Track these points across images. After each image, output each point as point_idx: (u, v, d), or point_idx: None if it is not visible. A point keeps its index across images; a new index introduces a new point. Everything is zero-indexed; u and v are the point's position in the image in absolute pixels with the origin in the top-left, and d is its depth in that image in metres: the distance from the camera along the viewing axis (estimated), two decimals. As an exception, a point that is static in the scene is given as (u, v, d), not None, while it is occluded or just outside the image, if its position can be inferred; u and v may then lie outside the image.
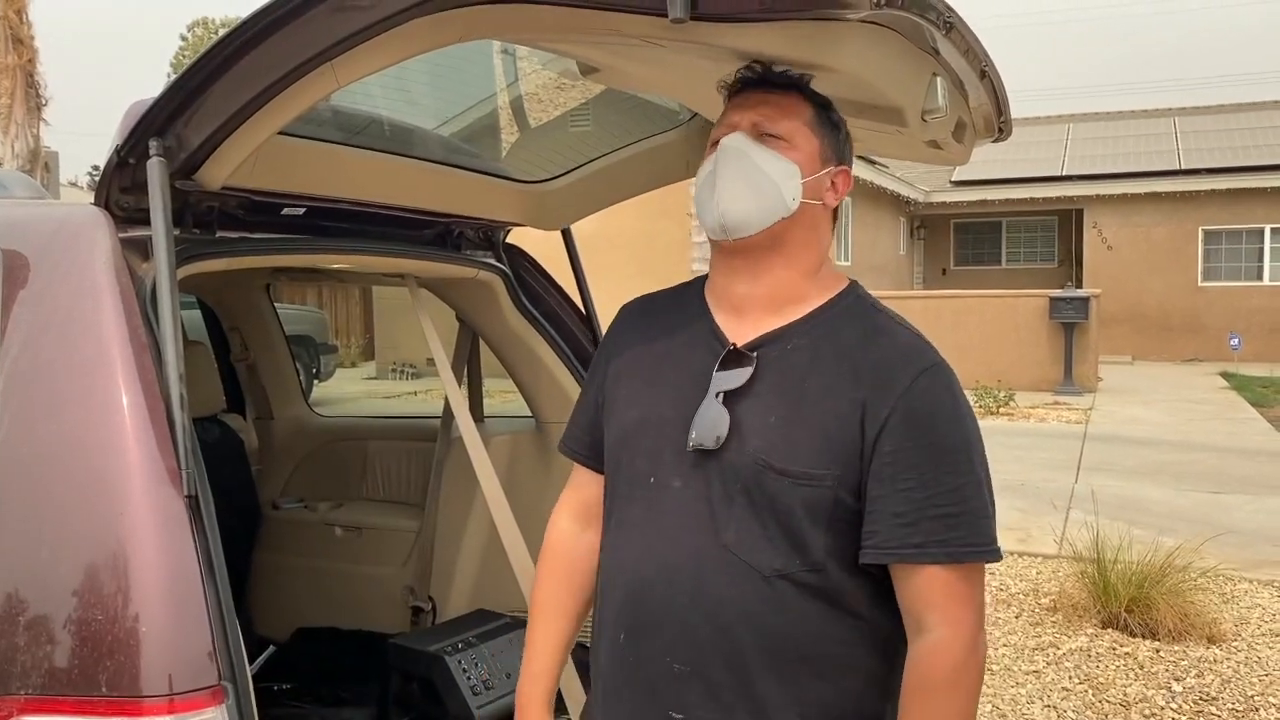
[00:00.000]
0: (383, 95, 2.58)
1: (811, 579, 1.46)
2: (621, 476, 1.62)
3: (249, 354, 3.94)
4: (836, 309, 1.56)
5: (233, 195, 2.06)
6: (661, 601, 1.51)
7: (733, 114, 1.58)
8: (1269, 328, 20.70)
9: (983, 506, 1.46)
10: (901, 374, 1.47)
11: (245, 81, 1.65)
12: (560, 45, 1.83)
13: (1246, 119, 24.10)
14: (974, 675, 1.45)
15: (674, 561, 1.51)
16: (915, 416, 1.45)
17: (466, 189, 2.67)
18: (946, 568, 1.42)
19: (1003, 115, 2.04)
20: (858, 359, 1.49)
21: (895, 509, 1.43)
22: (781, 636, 1.46)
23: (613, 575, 1.61)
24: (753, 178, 1.52)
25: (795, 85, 1.59)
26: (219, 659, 1.58)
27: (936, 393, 1.48)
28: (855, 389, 1.46)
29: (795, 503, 1.45)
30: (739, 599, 1.46)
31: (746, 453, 1.47)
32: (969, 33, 1.68)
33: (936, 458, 1.44)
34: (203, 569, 1.61)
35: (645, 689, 1.53)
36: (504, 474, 2.92)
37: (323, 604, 3.49)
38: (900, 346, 1.52)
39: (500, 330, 2.99)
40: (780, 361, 1.52)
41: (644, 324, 1.71)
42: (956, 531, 1.43)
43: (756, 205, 1.52)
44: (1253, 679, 4.52)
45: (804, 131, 1.56)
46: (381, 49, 1.58)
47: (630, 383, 1.65)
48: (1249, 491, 8.39)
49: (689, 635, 1.49)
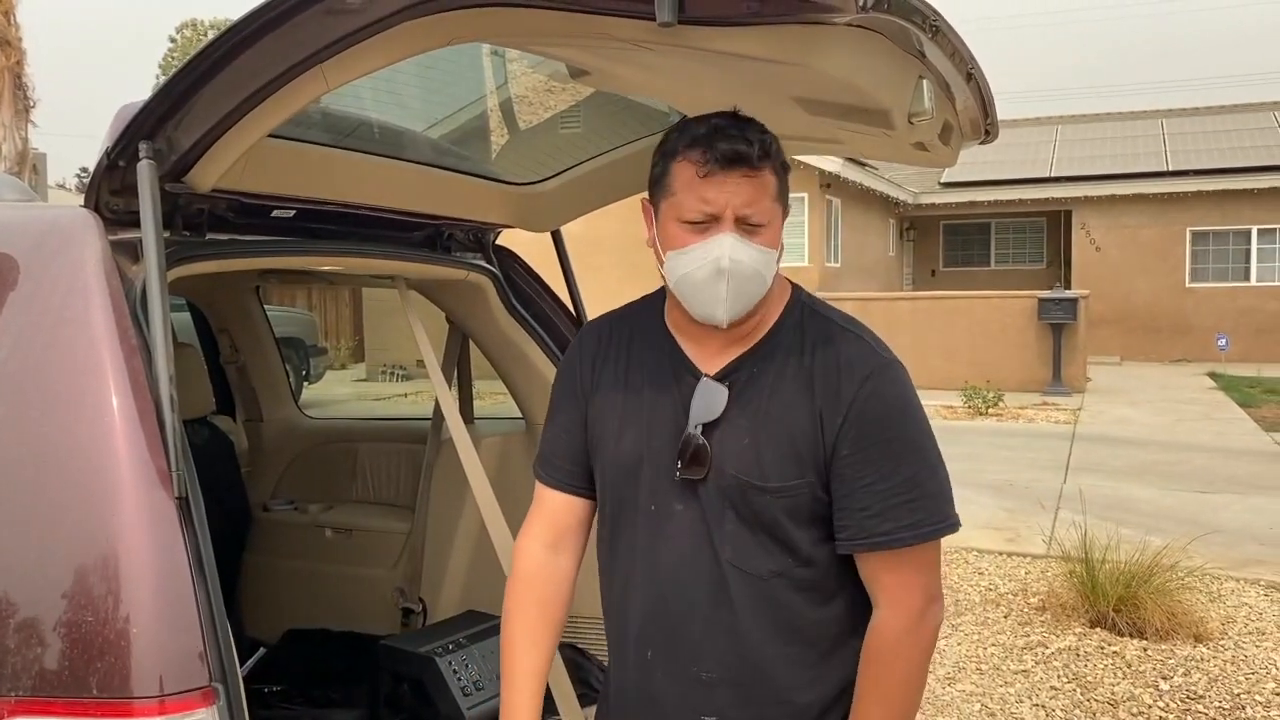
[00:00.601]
0: (372, 97, 2.59)
1: (805, 572, 1.62)
2: (623, 508, 1.72)
3: (238, 356, 3.93)
4: (787, 325, 1.68)
5: (223, 198, 2.06)
6: (680, 619, 1.65)
7: (711, 197, 1.56)
8: (1256, 328, 20.81)
9: (938, 487, 1.61)
10: (848, 382, 1.60)
11: (235, 84, 1.65)
12: (550, 48, 1.84)
13: (1232, 120, 24.23)
14: (913, 650, 1.61)
15: (687, 580, 1.64)
16: (866, 420, 1.58)
17: (456, 191, 2.67)
18: (909, 548, 1.58)
19: (989, 117, 2.05)
20: (810, 371, 1.62)
21: (860, 504, 1.58)
22: (788, 626, 1.62)
23: (628, 597, 1.71)
24: (750, 283, 1.59)
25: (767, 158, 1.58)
26: (210, 660, 1.58)
27: (882, 394, 1.61)
28: (810, 400, 1.60)
29: (779, 513, 1.60)
30: (746, 604, 1.61)
31: (727, 474, 1.61)
32: (955, 35, 1.69)
33: (891, 453, 1.59)
34: (193, 570, 1.61)
35: (678, 702, 1.66)
36: (494, 475, 2.92)
37: (313, 606, 3.49)
38: (846, 355, 1.63)
39: (490, 332, 3.00)
40: (748, 387, 1.64)
41: (612, 354, 1.77)
42: (917, 515, 1.58)
43: (750, 301, 1.61)
44: (1239, 677, 4.55)
45: (775, 208, 1.61)
46: (372, 52, 1.58)
47: (612, 417, 1.73)
48: (1236, 491, 8.44)
49: (710, 645, 1.63)
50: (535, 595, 1.77)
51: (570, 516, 1.80)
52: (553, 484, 1.80)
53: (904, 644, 1.60)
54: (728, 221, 1.57)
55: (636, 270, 18.89)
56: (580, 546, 1.83)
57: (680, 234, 1.60)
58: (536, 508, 1.82)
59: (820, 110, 1.95)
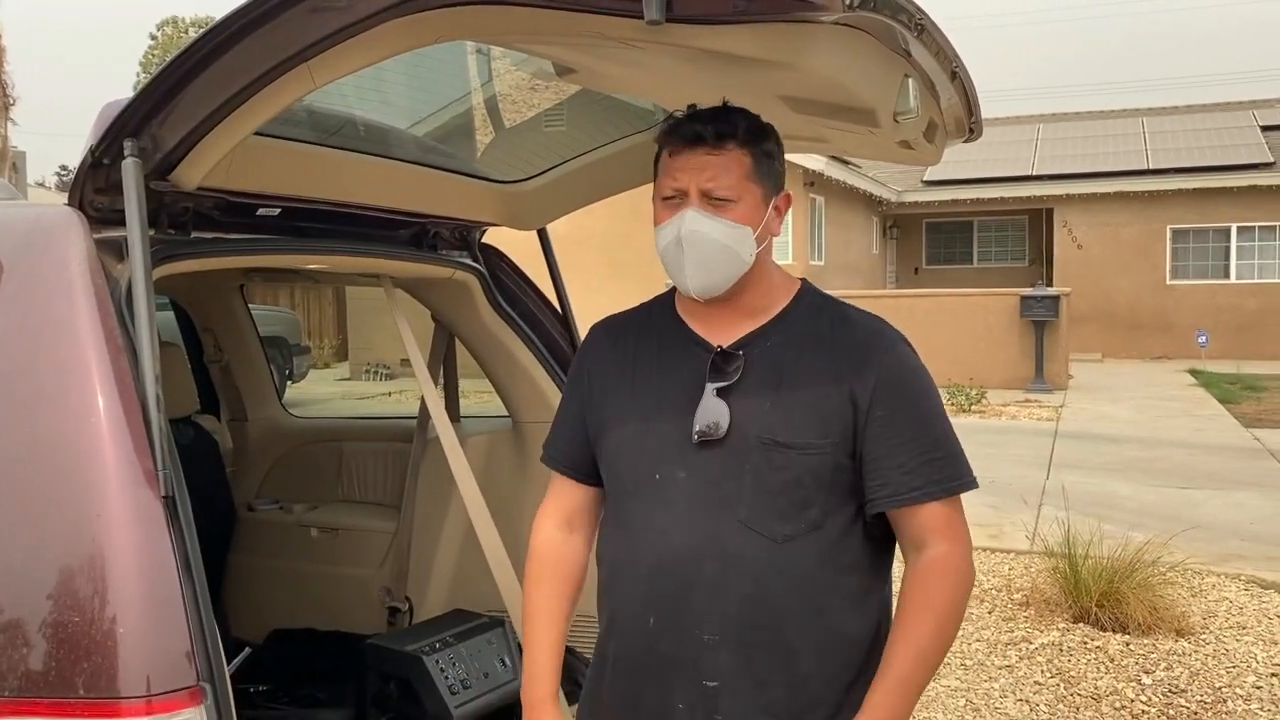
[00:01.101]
0: (358, 96, 2.58)
1: (815, 537, 1.67)
2: (623, 479, 1.78)
3: (223, 355, 3.92)
4: (801, 307, 1.78)
5: (208, 196, 2.05)
6: (687, 581, 1.67)
7: (678, 174, 1.69)
8: (1235, 325, 20.97)
9: (959, 446, 1.73)
10: (874, 352, 1.71)
11: (221, 82, 1.65)
12: (537, 46, 1.84)
13: (1212, 119, 24.40)
14: (968, 577, 1.70)
15: (694, 543, 1.67)
16: (895, 384, 1.70)
17: (442, 189, 2.67)
18: (942, 501, 1.68)
19: (973, 116, 2.07)
20: (832, 345, 1.72)
21: (897, 461, 1.67)
22: (795, 591, 1.66)
23: (628, 566, 1.74)
24: (715, 255, 1.69)
25: (731, 137, 1.68)
26: (197, 660, 1.58)
27: (907, 360, 1.74)
28: (836, 370, 1.69)
29: (802, 471, 1.66)
30: (757, 565, 1.66)
31: (749, 436, 1.67)
32: (940, 34, 1.71)
33: (920, 414, 1.71)
34: (180, 569, 1.61)
35: (677, 666, 1.69)
36: (480, 474, 2.92)
37: (299, 605, 3.48)
38: (867, 328, 1.76)
39: (476, 330, 2.99)
40: (764, 356, 1.72)
41: (620, 342, 1.86)
42: (946, 470, 1.69)
43: (721, 274, 1.70)
44: (1220, 671, 4.59)
45: (747, 186, 1.69)
46: (358, 50, 1.58)
47: (616, 399, 1.80)
48: (1217, 487, 8.50)
49: (717, 607, 1.66)
50: (550, 571, 1.87)
51: (576, 499, 1.89)
52: (557, 468, 1.91)
53: (961, 569, 1.68)
54: (693, 196, 1.68)
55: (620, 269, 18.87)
56: (592, 527, 1.91)
57: (659, 212, 1.73)
58: (549, 491, 1.93)
59: (806, 109, 1.96)
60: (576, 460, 1.88)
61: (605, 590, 1.81)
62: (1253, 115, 24.12)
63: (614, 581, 1.78)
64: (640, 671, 1.74)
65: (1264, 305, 21.00)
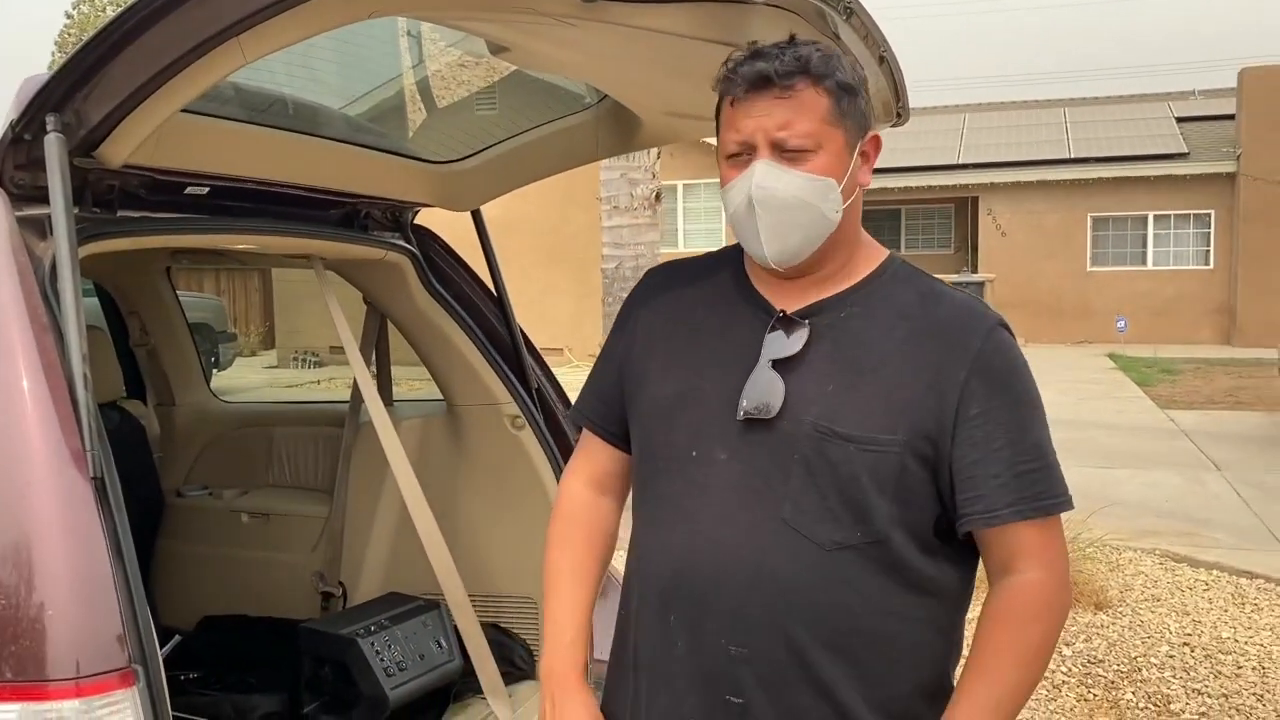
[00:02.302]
0: (288, 74, 2.55)
1: (875, 551, 1.41)
2: (656, 453, 1.54)
3: (149, 339, 3.84)
4: (885, 275, 1.52)
5: (135, 174, 2.01)
6: (716, 581, 1.44)
7: (743, 122, 1.42)
8: (1152, 310, 21.61)
9: (1055, 457, 1.46)
10: (972, 333, 1.44)
11: (148, 56, 1.61)
12: (470, 23, 1.83)
13: (1131, 110, 25.03)
14: (1061, 613, 1.44)
15: (728, 539, 1.44)
16: (994, 375, 1.43)
17: (373, 169, 2.65)
18: (1036, 521, 1.42)
19: (901, 100, 2.11)
20: (919, 322, 1.46)
21: (993, 471, 1.40)
22: (844, 612, 1.41)
23: (654, 555, 1.53)
24: (794, 215, 1.43)
25: (803, 73, 1.41)
26: (129, 642, 1.56)
27: (1009, 348, 1.47)
28: (922, 352, 1.43)
29: (860, 470, 1.40)
30: (799, 575, 1.41)
31: (804, 421, 1.42)
32: (868, 18, 1.74)
33: (1019, 415, 1.44)
34: (111, 551, 1.59)
35: (699, 675, 1.46)
36: (415, 457, 2.91)
37: (231, 592, 3.43)
38: (962, 306, 1.48)
39: (409, 312, 2.97)
40: (834, 329, 1.47)
41: (675, 291, 1.62)
42: (1041, 485, 1.42)
43: (802, 237, 1.44)
44: (1135, 641, 4.75)
45: (827, 130, 1.42)
46: (290, 24, 1.56)
47: (664, 354, 1.56)
48: (1134, 466, 8.79)
49: (747, 616, 1.42)
50: (581, 531, 1.66)
51: (607, 462, 1.68)
52: (588, 424, 1.70)
53: (1053, 604, 1.43)
54: (763, 148, 1.41)
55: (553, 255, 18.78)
56: (624, 493, 1.70)
57: (725, 172, 1.47)
58: (577, 449, 1.75)
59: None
60: (609, 418, 1.64)
61: (629, 577, 1.60)
62: (1168, 107, 24.82)
63: (637, 571, 1.56)
64: (660, 673, 1.52)
65: (1179, 291, 21.68)
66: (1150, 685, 4.28)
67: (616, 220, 5.97)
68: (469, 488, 3.09)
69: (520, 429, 2.97)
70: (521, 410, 2.96)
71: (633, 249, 5.94)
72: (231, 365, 15.40)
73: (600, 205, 6.02)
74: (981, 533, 1.44)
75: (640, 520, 1.57)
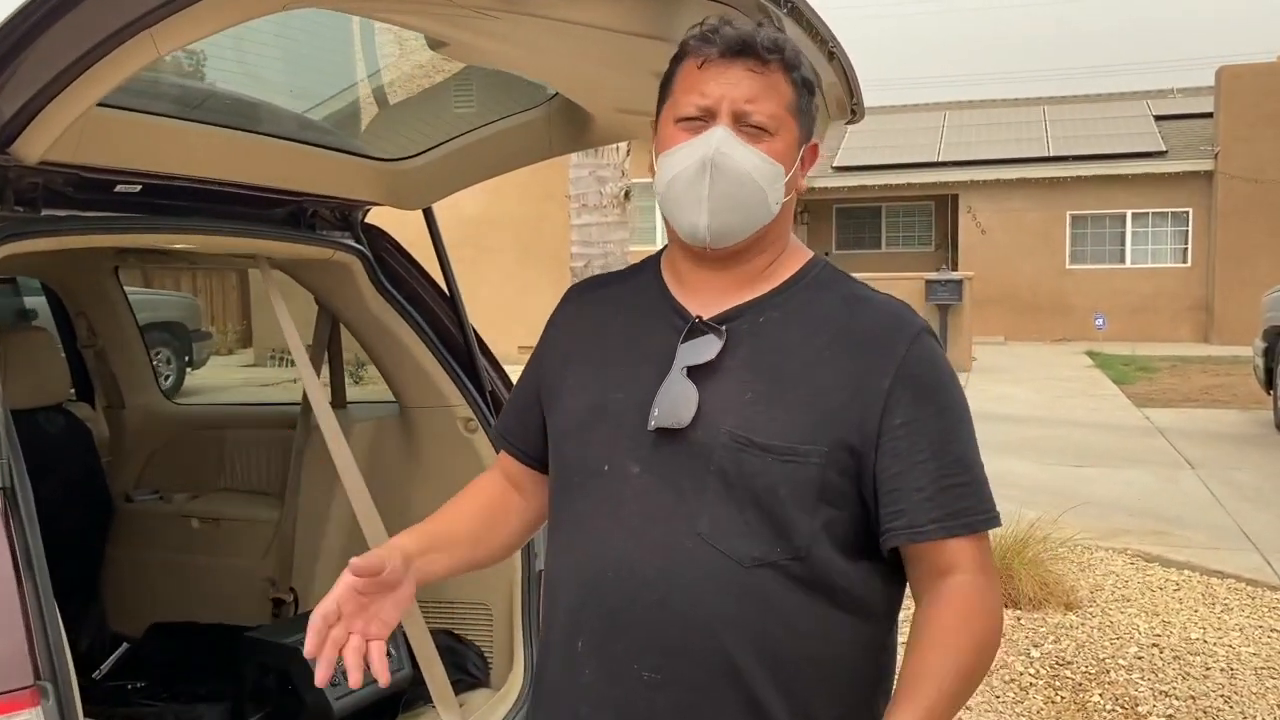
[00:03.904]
0: (234, 70, 2.48)
1: (796, 567, 1.34)
2: (570, 469, 1.47)
3: (97, 340, 3.76)
4: (807, 279, 1.46)
5: (59, 171, 1.95)
6: (624, 601, 1.36)
7: (710, 87, 1.37)
8: (1130, 308, 21.72)
9: (983, 472, 1.40)
10: (897, 341, 1.38)
11: (57, 50, 1.55)
12: (394, 16, 1.78)
13: (1110, 108, 25.14)
14: (997, 617, 1.38)
15: (637, 556, 1.36)
16: (919, 384, 1.37)
17: (319, 166, 2.58)
18: (964, 539, 1.35)
19: (854, 96, 2.05)
20: (842, 327, 1.40)
21: (916, 484, 1.34)
22: (764, 633, 1.34)
23: (562, 577, 1.46)
24: (743, 189, 1.37)
25: (778, 56, 1.38)
26: (38, 659, 1.51)
27: (934, 357, 1.41)
28: (845, 359, 1.37)
29: (779, 482, 1.33)
30: (715, 594, 1.33)
31: (720, 431, 1.35)
32: (812, 13, 1.68)
33: (943, 426, 1.38)
34: (20, 564, 1.53)
35: (608, 704, 1.38)
36: (366, 461, 2.85)
37: (181, 598, 3.36)
38: (886, 312, 1.43)
39: (360, 313, 2.91)
40: (753, 335, 1.40)
41: (593, 305, 1.58)
42: (967, 501, 1.36)
43: (743, 217, 1.39)
44: (1104, 642, 4.73)
45: (786, 120, 1.39)
46: (203, 16, 1.50)
47: (580, 368, 1.50)
48: (1108, 464, 8.79)
49: (659, 639, 1.34)
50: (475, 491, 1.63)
51: (516, 472, 1.63)
52: (504, 445, 1.64)
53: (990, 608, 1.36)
54: (724, 116, 1.36)
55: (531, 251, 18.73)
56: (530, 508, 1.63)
57: (673, 134, 1.40)
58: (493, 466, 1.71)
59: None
60: (529, 441, 1.59)
61: (544, 605, 1.54)
62: (1147, 105, 24.93)
63: (548, 593, 1.50)
64: (563, 703, 1.43)
65: (1157, 289, 21.80)
66: (1118, 687, 4.25)
67: (585, 218, 5.90)
68: (421, 491, 3.03)
69: (473, 432, 2.92)
70: (474, 413, 2.90)
71: (602, 247, 5.87)
72: (206, 364, 15.28)
73: (569, 204, 5.96)
74: (907, 548, 1.37)
75: (552, 544, 1.51)
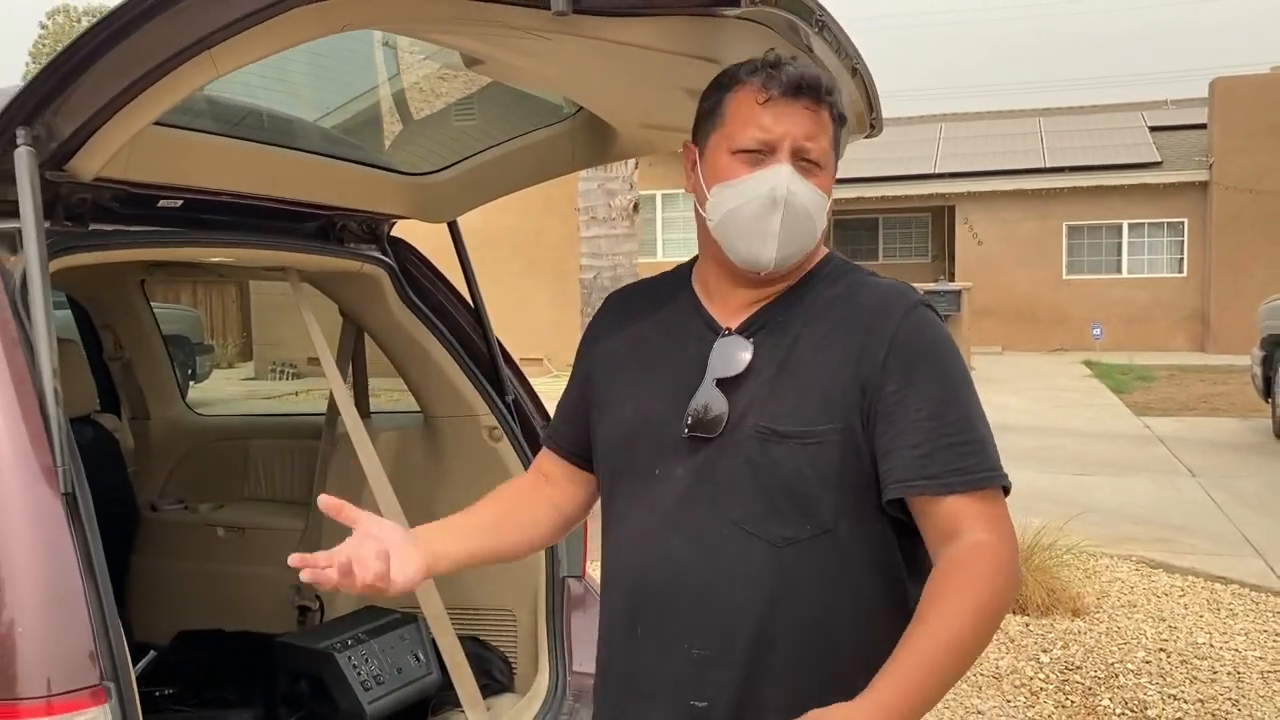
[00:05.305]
0: (263, 86, 2.54)
1: (825, 541, 1.44)
2: (620, 474, 1.60)
3: (123, 352, 3.81)
4: (818, 275, 1.57)
5: (107, 187, 2.00)
6: (671, 587, 1.49)
7: (772, 125, 1.46)
8: (1127, 318, 21.81)
9: (989, 435, 1.46)
10: (891, 313, 1.48)
11: (121, 69, 1.60)
12: (444, 36, 1.84)
13: (1105, 120, 25.30)
14: (1013, 578, 1.41)
15: (678, 544, 1.49)
16: (912, 350, 1.46)
17: (349, 181, 2.64)
18: (968, 496, 1.40)
19: (874, 112, 2.12)
20: (845, 309, 1.51)
21: (910, 441, 1.41)
22: (796, 605, 1.45)
23: (616, 571, 1.60)
24: (805, 223, 1.49)
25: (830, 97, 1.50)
26: (101, 659, 1.56)
27: (927, 326, 1.50)
28: (847, 336, 1.48)
29: (803, 464, 1.44)
30: (750, 572, 1.45)
31: (748, 427, 1.46)
32: (840, 31, 1.75)
33: (940, 389, 1.45)
34: (82, 567, 1.58)
35: (668, 682, 1.50)
36: (391, 470, 2.90)
37: (206, 606, 3.41)
38: (884, 290, 1.54)
39: (386, 324, 2.96)
40: (773, 334, 1.52)
41: (630, 317, 1.68)
42: (969, 460, 1.41)
43: (799, 246, 1.51)
44: (1112, 648, 4.78)
45: (829, 154, 1.51)
46: (263, 37, 1.56)
47: (623, 378, 1.62)
48: (1109, 473, 8.85)
49: (704, 617, 1.47)
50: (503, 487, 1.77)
51: (551, 466, 1.76)
52: (558, 451, 1.75)
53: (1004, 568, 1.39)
54: (784, 152, 1.46)
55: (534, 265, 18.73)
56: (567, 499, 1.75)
57: (731, 165, 1.49)
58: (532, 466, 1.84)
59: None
60: (573, 440, 1.72)
61: (601, 598, 1.67)
62: (1142, 116, 25.08)
63: (606, 588, 1.63)
64: (627, 685, 1.57)
65: (1154, 298, 21.89)
66: (1127, 691, 4.30)
67: (594, 230, 5.98)
68: (446, 499, 3.07)
69: (498, 440, 2.97)
70: (499, 421, 2.95)
71: (610, 259, 5.95)
72: (209, 377, 15.31)
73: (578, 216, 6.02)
74: (917, 509, 1.44)
75: (607, 542, 1.63)
